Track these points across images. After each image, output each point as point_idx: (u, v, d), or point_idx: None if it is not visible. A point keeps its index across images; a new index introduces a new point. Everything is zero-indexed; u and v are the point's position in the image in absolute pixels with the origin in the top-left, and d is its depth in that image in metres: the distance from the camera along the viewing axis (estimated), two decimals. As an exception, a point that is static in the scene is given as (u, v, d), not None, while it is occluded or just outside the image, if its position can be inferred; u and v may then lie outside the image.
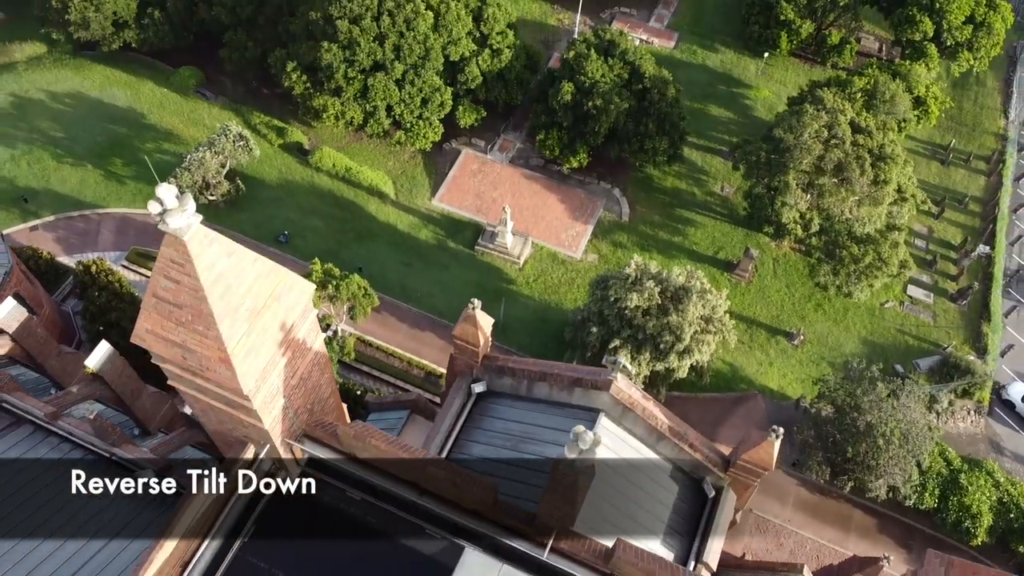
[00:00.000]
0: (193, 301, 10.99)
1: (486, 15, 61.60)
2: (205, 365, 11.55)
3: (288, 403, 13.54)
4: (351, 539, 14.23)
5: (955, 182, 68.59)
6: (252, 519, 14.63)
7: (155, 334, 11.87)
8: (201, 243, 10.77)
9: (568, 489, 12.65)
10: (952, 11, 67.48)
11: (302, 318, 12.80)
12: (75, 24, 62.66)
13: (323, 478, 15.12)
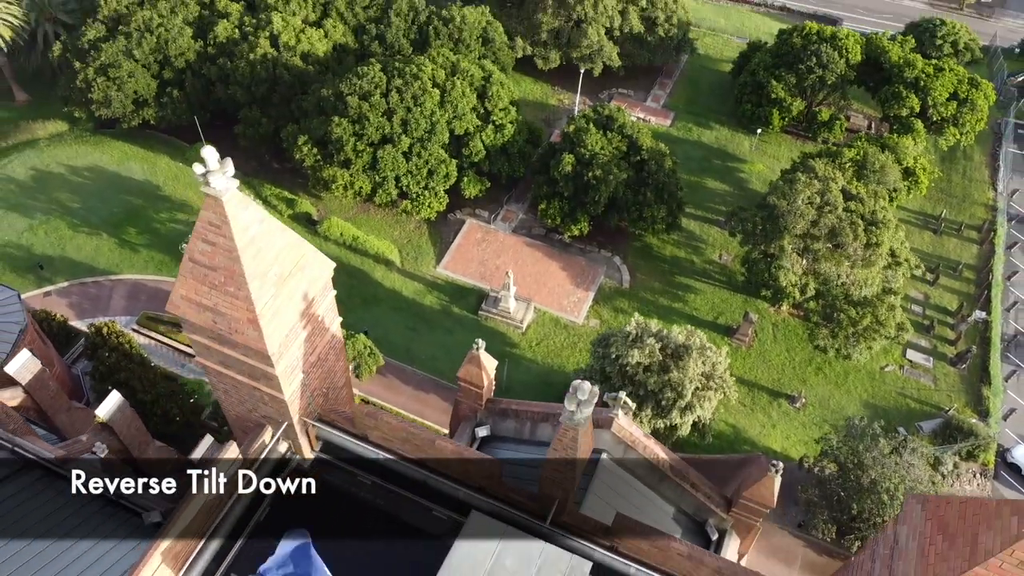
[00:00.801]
0: (227, 262, 11.97)
1: (490, 92, 64.45)
2: (234, 327, 12.43)
3: (306, 380, 14.33)
4: (362, 519, 14.83)
5: (948, 250, 70.09)
6: (266, 502, 15.30)
7: (189, 299, 12.80)
8: (237, 206, 11.85)
9: (569, 446, 13.31)
10: (936, 88, 70.49)
11: (322, 294, 13.76)
12: (97, 102, 65.56)
13: (336, 462, 15.85)
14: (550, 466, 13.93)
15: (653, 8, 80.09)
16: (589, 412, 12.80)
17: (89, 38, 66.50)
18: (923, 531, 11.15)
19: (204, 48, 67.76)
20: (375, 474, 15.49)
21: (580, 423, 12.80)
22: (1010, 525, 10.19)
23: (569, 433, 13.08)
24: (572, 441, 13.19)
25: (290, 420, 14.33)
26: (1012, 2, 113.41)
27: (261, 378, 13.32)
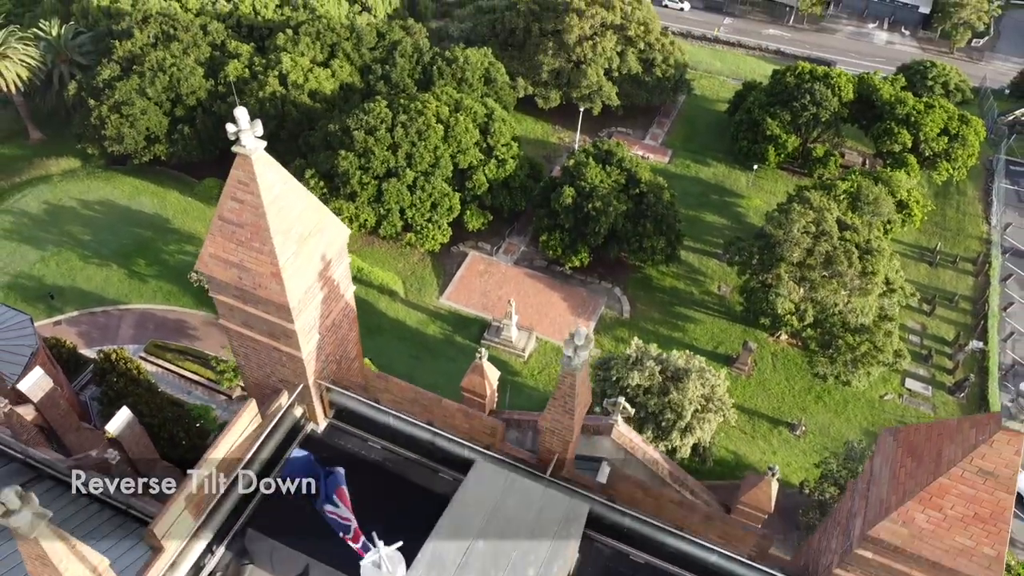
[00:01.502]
0: (253, 218, 12.90)
1: (492, 128, 66.20)
2: (258, 282, 13.30)
3: (322, 343, 15.14)
4: (373, 482, 15.53)
5: (944, 282, 71.04)
6: (282, 462, 16.01)
7: (217, 257, 13.71)
8: (264, 164, 12.83)
9: (567, 393, 14.05)
10: (927, 124, 72.30)
11: (338, 258, 14.65)
12: (110, 138, 67.35)
13: (349, 428, 16.59)
14: (550, 416, 14.69)
15: (651, 50, 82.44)
16: (586, 356, 13.61)
17: (104, 77, 68.58)
18: (895, 457, 11.88)
19: (215, 87, 69.82)
20: (386, 439, 16.28)
21: (577, 368, 13.62)
22: (969, 436, 10.96)
23: (567, 379, 13.87)
24: (570, 388, 13.97)
25: (306, 382, 15.11)
26: (1001, 46, 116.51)
27: (281, 336, 14.12)
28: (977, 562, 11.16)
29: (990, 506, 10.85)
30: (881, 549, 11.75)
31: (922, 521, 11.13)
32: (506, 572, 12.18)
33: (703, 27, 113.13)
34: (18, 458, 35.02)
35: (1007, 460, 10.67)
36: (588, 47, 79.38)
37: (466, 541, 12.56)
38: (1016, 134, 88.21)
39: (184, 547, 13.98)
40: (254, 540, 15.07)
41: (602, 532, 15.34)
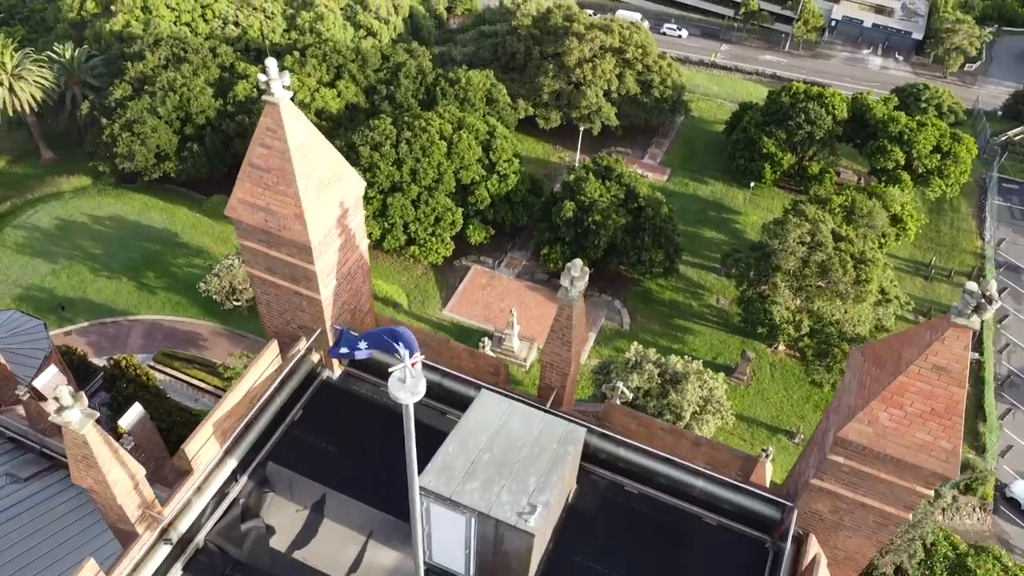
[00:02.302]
0: (280, 163, 14.05)
1: (494, 145, 67.81)
2: (283, 224, 14.42)
3: (338, 289, 16.22)
4: (383, 423, 16.60)
5: (939, 295, 72.12)
6: (300, 404, 17.06)
7: (245, 202, 14.87)
8: (290, 112, 14.00)
9: (565, 325, 15.09)
10: (920, 141, 73.89)
11: (355, 208, 15.79)
12: (121, 156, 69.01)
13: (362, 375, 17.66)
14: (549, 349, 15.75)
15: (649, 72, 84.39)
16: (582, 287, 14.69)
17: (116, 97, 70.43)
18: (862, 368, 12.93)
19: (224, 106, 71.63)
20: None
21: (574, 299, 14.70)
22: (924, 337, 12.02)
23: (565, 311, 14.94)
24: (567, 320, 15.02)
25: (323, 327, 16.18)
26: (994, 70, 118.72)
27: (302, 279, 15.21)
28: (936, 456, 12.13)
29: (945, 400, 11.87)
30: (851, 452, 12.73)
31: (885, 419, 12.14)
32: (509, 480, 13.17)
33: (700, 53, 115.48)
34: (34, 448, 36.04)
35: (957, 355, 11.73)
36: (588, 69, 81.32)
37: (472, 454, 13.57)
38: (1008, 153, 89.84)
39: (211, 472, 15.01)
40: (274, 472, 16.09)
41: (598, 465, 16.37)
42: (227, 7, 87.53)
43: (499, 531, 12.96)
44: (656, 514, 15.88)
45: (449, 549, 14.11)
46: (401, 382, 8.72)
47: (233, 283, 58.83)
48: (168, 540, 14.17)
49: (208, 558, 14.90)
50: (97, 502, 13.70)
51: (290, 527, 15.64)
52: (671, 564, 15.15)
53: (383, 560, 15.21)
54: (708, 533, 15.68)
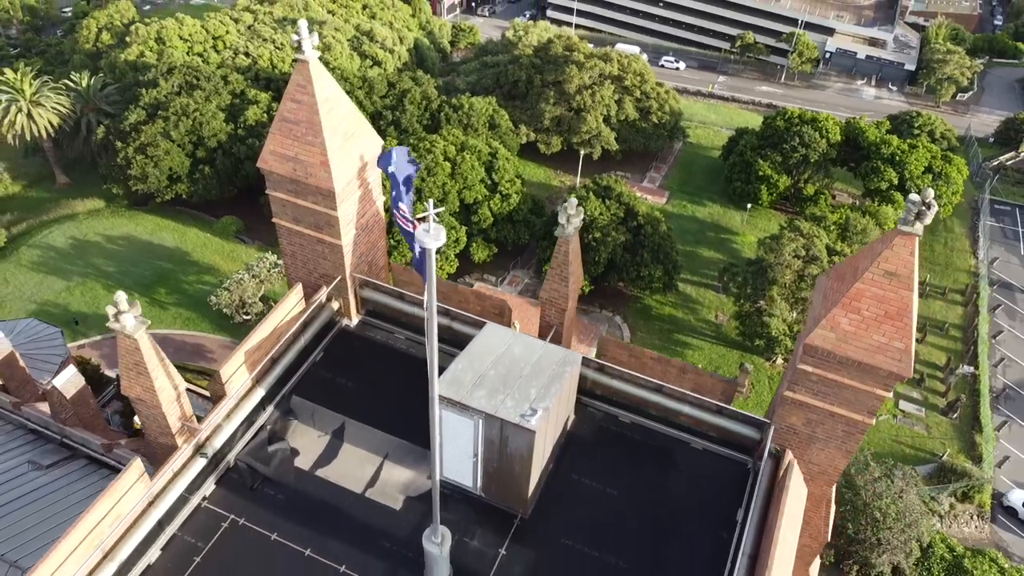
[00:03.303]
0: (308, 115, 15.62)
1: (497, 166, 69.86)
2: (309, 171, 15.94)
3: (357, 239, 17.72)
4: (396, 364, 18.03)
5: (934, 312, 73.44)
6: (321, 347, 18.49)
7: (276, 153, 16.42)
8: (318, 69, 15.61)
9: (562, 262, 16.52)
10: (911, 162, 75.92)
11: (372, 164, 17.38)
12: (135, 178, 71.10)
13: (378, 322, 19.07)
14: (548, 286, 17.19)
15: (647, 99, 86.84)
16: (578, 223, 16.17)
17: (131, 121, 72.75)
18: (826, 286, 14.34)
19: (235, 130, 73.91)
20: (410, 329, 18.76)
21: (570, 235, 16.19)
22: (876, 247, 13.46)
23: (562, 248, 16.40)
24: (565, 256, 16.46)
25: (343, 274, 17.64)
26: (986, 100, 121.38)
27: (324, 226, 16.70)
28: (891, 356, 13.48)
29: (896, 303, 13.23)
30: (818, 360, 14.08)
31: (846, 324, 13.50)
32: (513, 390, 14.51)
33: (698, 84, 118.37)
34: (55, 438, 37.39)
35: (905, 260, 13.13)
36: (587, 95, 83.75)
37: (479, 371, 14.93)
38: (999, 176, 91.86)
39: (241, 399, 16.44)
40: (298, 404, 17.49)
41: (595, 399, 17.74)
42: (237, 38, 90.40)
43: (504, 432, 14.31)
44: (648, 441, 17.23)
45: (458, 463, 15.45)
46: (426, 232, 10.18)
47: (243, 297, 60.42)
48: (204, 454, 15.53)
49: (238, 474, 16.26)
50: (142, 413, 15.09)
51: (313, 450, 17.01)
52: (662, 485, 16.47)
53: (398, 477, 16.54)
54: (695, 457, 17.01)
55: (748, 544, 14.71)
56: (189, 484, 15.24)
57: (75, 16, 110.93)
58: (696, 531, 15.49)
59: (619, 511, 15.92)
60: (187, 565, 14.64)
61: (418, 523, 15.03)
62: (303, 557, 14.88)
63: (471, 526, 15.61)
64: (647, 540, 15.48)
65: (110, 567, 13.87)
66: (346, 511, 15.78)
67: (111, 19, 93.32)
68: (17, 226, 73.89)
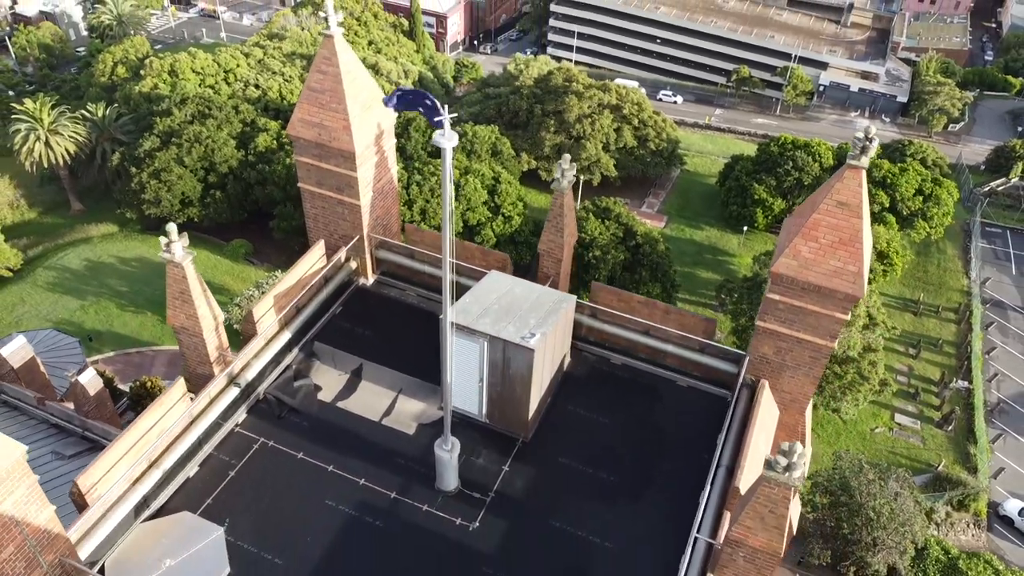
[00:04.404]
0: (332, 84, 17.48)
1: (499, 189, 72.15)
2: (332, 135, 17.78)
3: (373, 202, 19.51)
4: (408, 317, 19.80)
5: (928, 329, 75.05)
6: (340, 300, 20.24)
7: (303, 120, 18.27)
8: (342, 44, 17.50)
9: (557, 213, 18.25)
10: (902, 185, 78.12)
11: (388, 133, 19.16)
12: (148, 202, 73.44)
13: (391, 280, 20.83)
14: (545, 238, 18.92)
15: (645, 127, 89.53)
16: (571, 176, 17.94)
17: (145, 148, 75.35)
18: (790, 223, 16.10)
19: (245, 156, 76.44)
20: (420, 286, 20.51)
21: (565, 188, 17.96)
22: (831, 182, 15.21)
23: (558, 200, 18.15)
24: (560, 208, 18.20)
25: (361, 234, 19.42)
26: (977, 130, 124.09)
27: (345, 188, 18.50)
28: (846, 279, 15.10)
29: (848, 231, 14.91)
30: (783, 288, 15.73)
31: (806, 252, 15.15)
32: (514, 319, 16.15)
33: (695, 117, 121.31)
34: (76, 431, 39.00)
35: (854, 191, 14.84)
36: (587, 124, 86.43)
37: (484, 304, 16.61)
38: (990, 201, 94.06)
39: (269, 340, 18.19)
40: (320, 348, 19.22)
41: (589, 343, 19.43)
42: (248, 71, 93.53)
43: (506, 353, 15.95)
44: (637, 379, 18.91)
45: (466, 391, 17.10)
46: (441, 135, 11.89)
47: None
48: (237, 384, 17.23)
49: (267, 405, 17.96)
50: (184, 344, 16.82)
51: (334, 386, 18.70)
52: (650, 416, 18.13)
53: (411, 408, 18.20)
54: (681, 394, 18.68)
55: (726, 457, 16.30)
56: (224, 411, 16.93)
57: (89, 54, 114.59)
58: (680, 453, 17.09)
59: (611, 437, 17.57)
60: (222, 478, 16.25)
61: (429, 444, 16.61)
62: (326, 472, 16.49)
63: (477, 448, 17.25)
64: (636, 460, 17.08)
65: (155, 474, 15.48)
66: (364, 436, 17.45)
67: (126, 53, 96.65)
68: (33, 249, 76.09)
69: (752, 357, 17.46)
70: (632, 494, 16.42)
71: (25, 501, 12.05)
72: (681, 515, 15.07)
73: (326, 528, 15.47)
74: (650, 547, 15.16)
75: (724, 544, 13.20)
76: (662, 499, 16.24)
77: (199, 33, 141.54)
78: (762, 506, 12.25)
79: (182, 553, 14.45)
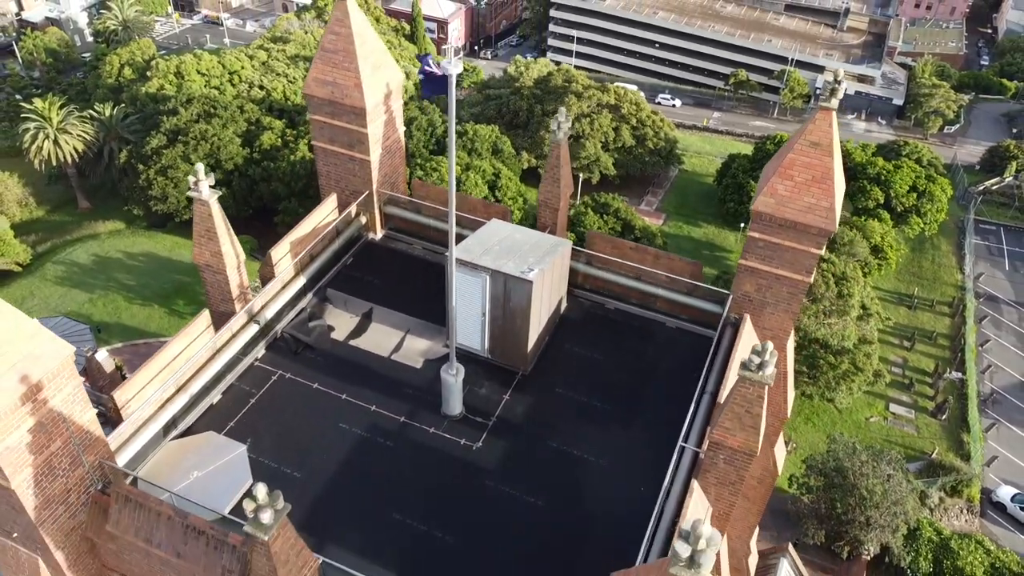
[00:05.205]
0: (345, 45, 18.73)
1: (500, 184, 73.52)
2: (344, 93, 19.02)
3: (382, 159, 20.75)
4: (415, 267, 21.21)
5: (922, 322, 76.22)
6: (351, 252, 21.54)
7: (317, 79, 19.53)
8: (354, 7, 18.78)
9: (554, 164, 19.47)
10: (897, 181, 79.44)
11: (396, 93, 20.39)
12: (155, 198, 74.82)
13: (399, 235, 22.12)
14: (544, 188, 20.16)
15: (643, 127, 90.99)
16: (567, 129, 19.16)
17: (152, 146, 76.80)
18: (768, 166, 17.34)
19: (251, 154, 77.88)
20: (425, 239, 21.82)
21: (561, 140, 19.21)
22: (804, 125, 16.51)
23: (555, 151, 19.38)
24: (557, 159, 19.43)
25: (371, 189, 20.70)
26: (972, 132, 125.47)
27: (356, 144, 19.74)
28: (819, 215, 16.30)
29: (821, 169, 16.14)
30: (763, 226, 16.95)
31: (782, 190, 16.36)
32: (514, 257, 17.35)
33: (693, 120, 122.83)
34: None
35: (825, 131, 16.08)
36: (586, 123, 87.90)
37: (486, 245, 17.86)
38: (985, 199, 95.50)
39: (286, 284, 19.49)
40: (332, 294, 20.51)
41: (585, 290, 20.72)
42: (252, 73, 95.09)
43: (507, 286, 17.17)
44: (629, 322, 20.19)
45: (469, 328, 18.35)
46: (448, 63, 13.14)
47: (259, 304, 63.39)
48: (257, 321, 18.50)
49: (284, 343, 19.25)
50: (208, 281, 18.08)
51: (346, 327, 19.95)
52: (641, 354, 19.45)
53: (418, 346, 19.45)
54: (670, 334, 19.95)
55: (711, 384, 17.55)
56: (244, 346, 18.20)
57: (95, 58, 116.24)
58: (669, 384, 18.34)
59: (605, 371, 18.83)
60: (243, 405, 17.50)
61: (435, 377, 17.85)
62: (339, 400, 17.74)
63: (480, 379, 18.50)
64: (628, 390, 18.34)
65: (182, 398, 16.73)
66: (375, 369, 18.71)
67: (132, 55, 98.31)
68: (42, 245, 77.43)
69: (735, 295, 18.70)
70: (624, 419, 17.69)
71: (71, 400, 13.26)
72: (669, 435, 16.29)
73: (340, 447, 16.73)
74: (640, 463, 16.41)
75: (706, 448, 14.39)
76: (652, 423, 17.53)
77: (203, 39, 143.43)
78: (739, 406, 13.42)
79: (208, 466, 15.68)
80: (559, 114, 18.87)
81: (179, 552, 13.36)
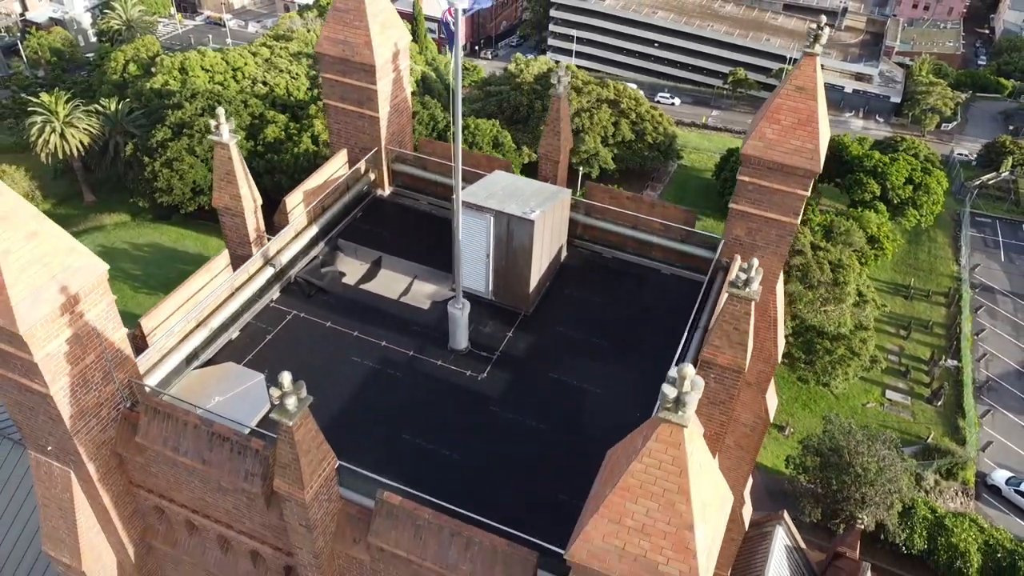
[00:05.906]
0: (355, 4, 19.53)
1: (500, 176, 74.46)
2: (355, 51, 19.97)
3: (390, 117, 21.74)
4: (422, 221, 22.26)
5: (919, 312, 77.20)
6: (360, 206, 22.52)
7: (329, 38, 20.48)
8: None
9: (555, 117, 20.44)
10: (893, 174, 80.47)
11: (403, 53, 21.32)
12: (160, 190, 75.84)
13: (406, 191, 23.12)
14: (544, 142, 21.13)
15: (642, 121, 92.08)
16: (567, 83, 20.14)
17: (158, 139, 77.87)
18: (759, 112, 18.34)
19: (255, 147, 78.90)
20: (431, 195, 22.82)
21: (560, 94, 20.20)
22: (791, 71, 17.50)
23: (555, 105, 20.35)
24: (557, 112, 20.41)
25: (379, 146, 21.67)
26: (969, 129, 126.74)
27: (365, 101, 20.71)
28: (804, 156, 17.19)
29: (806, 112, 17.06)
30: (752, 169, 17.85)
31: (770, 133, 17.30)
32: (517, 201, 18.35)
33: (692, 117, 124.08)
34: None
35: (810, 76, 16.98)
36: (586, 118, 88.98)
37: (490, 191, 18.84)
38: (981, 193, 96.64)
39: (299, 232, 20.49)
40: (343, 244, 21.54)
41: (584, 240, 21.77)
42: (255, 69, 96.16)
43: (510, 227, 18.14)
44: (626, 269, 21.22)
45: (474, 270, 19.32)
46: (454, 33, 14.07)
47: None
48: (272, 265, 19.49)
49: (298, 287, 20.26)
50: (226, 224, 19.05)
51: (357, 273, 20.95)
52: (638, 297, 20.49)
53: (425, 290, 20.44)
54: (665, 280, 20.97)
55: (702, 319, 18.53)
56: (260, 288, 19.20)
57: (99, 57, 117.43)
58: (664, 323, 19.31)
59: (603, 312, 19.82)
60: (260, 341, 18.46)
61: (442, 315, 18.86)
62: (351, 336, 18.71)
63: (484, 319, 19.48)
64: (625, 328, 19.32)
65: (202, 332, 17.71)
66: (384, 310, 19.71)
67: (137, 52, 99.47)
68: (49, 236, 78.41)
69: (727, 240, 19.65)
70: (621, 353, 18.67)
71: (104, 317, 14.19)
72: (663, 366, 17.23)
73: (352, 378, 17.68)
74: (636, 391, 17.37)
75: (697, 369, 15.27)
76: (647, 356, 18.51)
77: (205, 40, 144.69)
78: (727, 323, 14.32)
79: (229, 393, 16.62)
80: (559, 68, 19.84)
81: (204, 458, 14.28)
